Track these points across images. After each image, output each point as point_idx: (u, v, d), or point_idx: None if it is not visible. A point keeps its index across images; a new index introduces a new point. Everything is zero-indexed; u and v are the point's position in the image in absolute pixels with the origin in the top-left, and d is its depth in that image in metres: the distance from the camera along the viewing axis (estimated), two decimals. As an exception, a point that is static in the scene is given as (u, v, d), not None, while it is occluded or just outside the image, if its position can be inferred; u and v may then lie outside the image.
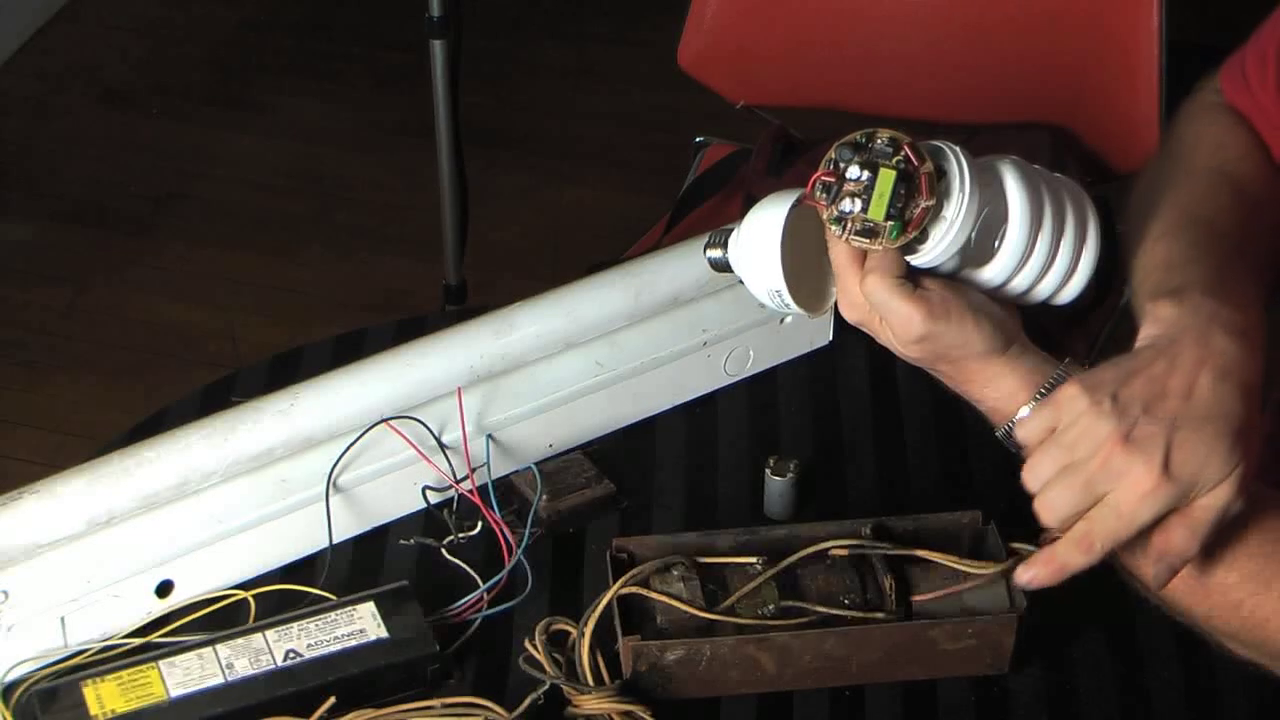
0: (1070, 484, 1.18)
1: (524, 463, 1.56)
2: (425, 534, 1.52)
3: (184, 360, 3.09)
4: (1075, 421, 1.18)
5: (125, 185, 3.55)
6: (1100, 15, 2.22)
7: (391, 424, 1.50)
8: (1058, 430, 1.19)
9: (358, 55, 3.94)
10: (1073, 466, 1.17)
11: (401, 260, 3.32)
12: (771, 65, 2.42)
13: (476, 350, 1.55)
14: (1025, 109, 2.28)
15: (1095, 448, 1.17)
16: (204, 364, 2.98)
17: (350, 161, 3.63)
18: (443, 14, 2.61)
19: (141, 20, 4.06)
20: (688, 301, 1.62)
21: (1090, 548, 1.19)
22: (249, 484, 1.47)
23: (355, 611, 1.41)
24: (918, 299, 1.23)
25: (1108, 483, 1.17)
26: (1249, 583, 1.23)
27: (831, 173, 1.22)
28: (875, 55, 2.35)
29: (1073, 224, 1.28)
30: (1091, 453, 1.17)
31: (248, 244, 3.40)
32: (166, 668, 1.36)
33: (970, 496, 1.50)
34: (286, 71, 3.90)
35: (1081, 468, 1.17)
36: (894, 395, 1.67)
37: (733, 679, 1.38)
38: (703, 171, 2.45)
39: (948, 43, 2.32)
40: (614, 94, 3.79)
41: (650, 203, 2.51)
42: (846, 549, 1.41)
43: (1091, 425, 1.17)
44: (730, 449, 1.63)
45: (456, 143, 2.73)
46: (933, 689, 1.40)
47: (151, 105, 3.78)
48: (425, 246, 3.00)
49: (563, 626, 1.39)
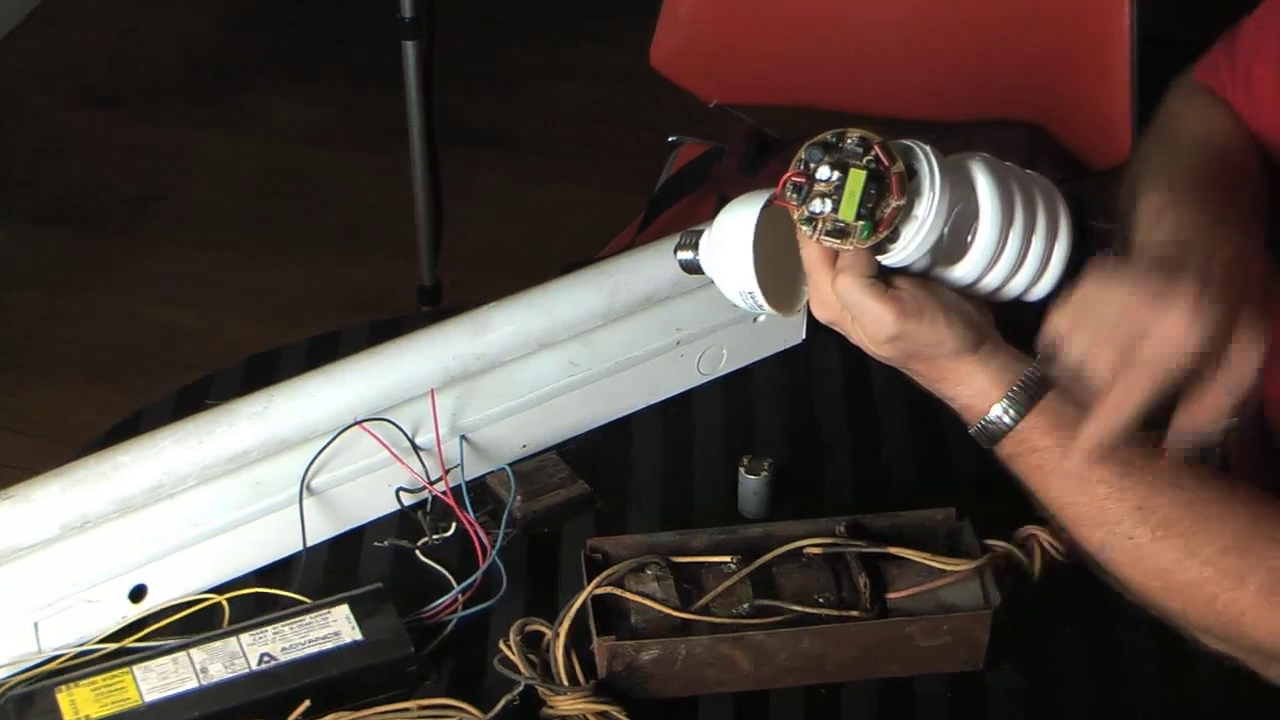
0: (1107, 339, 1.17)
1: (498, 463, 1.56)
2: (400, 536, 1.52)
3: (164, 362, 3.08)
4: (1101, 298, 1.18)
5: (103, 187, 3.55)
6: (1072, 12, 2.22)
7: (365, 426, 1.49)
8: (1083, 313, 1.19)
9: (335, 55, 3.93)
10: (1103, 327, 1.17)
11: (381, 260, 3.32)
12: (744, 64, 2.42)
13: (450, 351, 1.55)
14: (998, 107, 2.28)
15: (1123, 309, 1.17)
16: (185, 365, 2.98)
17: (329, 162, 3.62)
18: (414, 15, 2.61)
19: (119, 20, 4.05)
20: (661, 301, 1.62)
21: (1125, 400, 1.17)
22: (223, 487, 1.47)
23: (330, 614, 1.40)
24: (889, 299, 1.23)
25: (1142, 328, 1.16)
26: (1223, 578, 1.23)
27: (802, 173, 1.22)
28: (848, 54, 2.35)
29: (1044, 221, 1.28)
30: (1121, 313, 1.17)
31: (226, 245, 3.40)
32: (141, 673, 1.36)
33: (944, 494, 1.50)
34: (264, 72, 3.89)
35: (1113, 325, 1.17)
36: (868, 393, 1.67)
37: (708, 678, 1.38)
38: (676, 171, 2.45)
39: (921, 41, 2.32)
40: (592, 93, 3.79)
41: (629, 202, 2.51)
42: (821, 547, 1.41)
43: (1118, 296, 1.17)
44: (705, 448, 1.63)
45: (430, 143, 2.73)
46: (909, 686, 1.40)
47: (129, 106, 3.77)
48: (404, 246, 3.00)
49: (538, 627, 1.39)
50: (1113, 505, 1.24)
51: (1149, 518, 1.24)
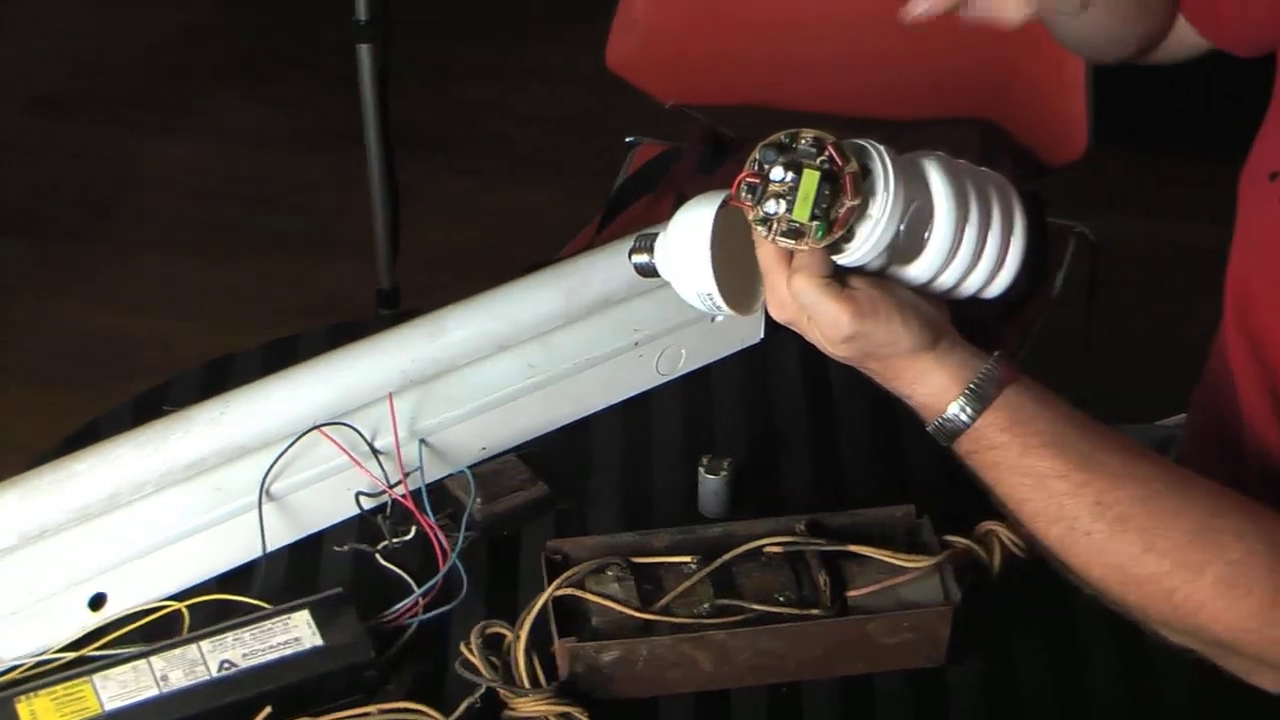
0: None
1: (458, 466, 1.55)
2: (360, 540, 1.52)
3: (121, 369, 3.07)
4: None
5: (57, 193, 3.53)
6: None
7: (324, 430, 1.49)
8: None
9: (290, 59, 3.92)
10: None
11: (341, 264, 3.31)
12: (700, 64, 2.42)
13: (408, 354, 1.55)
14: (953, 105, 2.29)
15: None
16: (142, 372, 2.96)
17: (286, 166, 3.61)
18: (370, 17, 2.61)
19: (73, 26, 4.03)
20: (620, 302, 1.62)
21: None
22: (182, 494, 1.46)
23: (290, 620, 1.40)
24: (845, 298, 1.24)
25: None
26: (1181, 570, 1.24)
27: (756, 174, 1.22)
28: (804, 53, 2.36)
29: (999, 218, 1.29)
30: None
31: (182, 250, 3.39)
32: (101, 681, 1.35)
33: (904, 491, 1.50)
34: (220, 76, 3.88)
35: None
36: (827, 391, 1.67)
37: (670, 678, 1.38)
38: (634, 171, 2.45)
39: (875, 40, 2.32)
40: (548, 94, 3.79)
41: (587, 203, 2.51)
42: (781, 546, 1.41)
43: None
44: (664, 449, 1.63)
45: (386, 146, 2.73)
46: (870, 683, 1.41)
47: (83, 112, 3.76)
48: (363, 250, 2.99)
49: (499, 630, 1.39)
50: (1070, 501, 1.24)
51: (1106, 513, 1.24)
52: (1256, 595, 1.22)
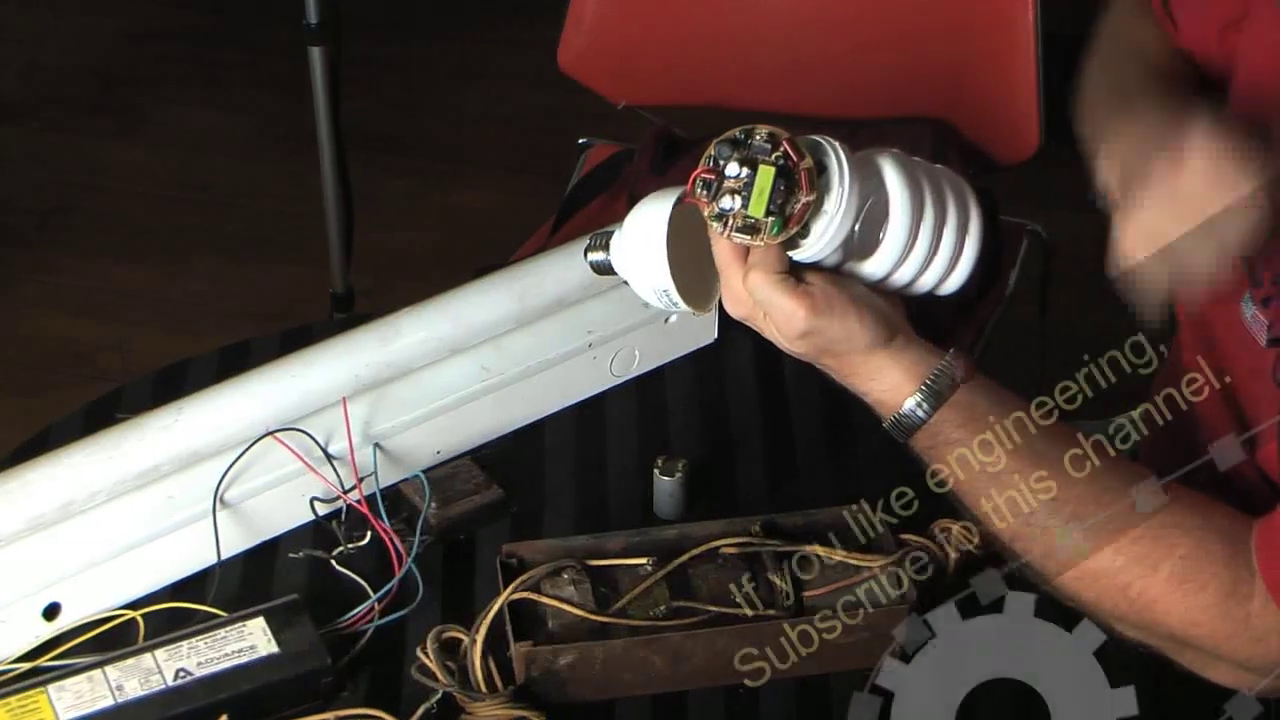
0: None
1: (412, 470, 1.55)
2: (315, 546, 1.51)
3: (73, 376, 3.05)
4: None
5: (8, 200, 3.51)
6: (977, 9, 2.23)
7: (278, 436, 1.48)
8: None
9: (242, 63, 3.90)
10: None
11: (294, 268, 3.29)
12: (652, 65, 2.42)
13: (361, 359, 1.55)
14: (906, 104, 2.29)
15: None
16: (94, 379, 2.95)
17: (238, 170, 3.60)
18: (320, 20, 2.60)
19: (21, 31, 4.01)
20: (572, 303, 1.62)
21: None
22: (135, 502, 1.46)
23: (246, 627, 1.39)
24: (801, 294, 1.24)
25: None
26: (1136, 565, 1.24)
27: (711, 170, 1.22)
28: (756, 53, 2.36)
29: (955, 215, 1.29)
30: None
31: (137, 256, 3.37)
32: (56, 692, 1.34)
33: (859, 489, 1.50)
34: (171, 81, 3.86)
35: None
36: (781, 390, 1.67)
37: (626, 680, 1.38)
38: (587, 172, 2.45)
39: (828, 39, 2.33)
40: (502, 96, 3.78)
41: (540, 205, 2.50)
42: (737, 547, 1.41)
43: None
44: (619, 450, 1.62)
45: (339, 149, 2.72)
46: (826, 682, 1.40)
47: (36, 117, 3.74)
48: (317, 254, 2.98)
49: (455, 634, 1.38)
50: (1025, 497, 1.25)
51: (1061, 509, 1.25)
52: (1211, 590, 1.23)
